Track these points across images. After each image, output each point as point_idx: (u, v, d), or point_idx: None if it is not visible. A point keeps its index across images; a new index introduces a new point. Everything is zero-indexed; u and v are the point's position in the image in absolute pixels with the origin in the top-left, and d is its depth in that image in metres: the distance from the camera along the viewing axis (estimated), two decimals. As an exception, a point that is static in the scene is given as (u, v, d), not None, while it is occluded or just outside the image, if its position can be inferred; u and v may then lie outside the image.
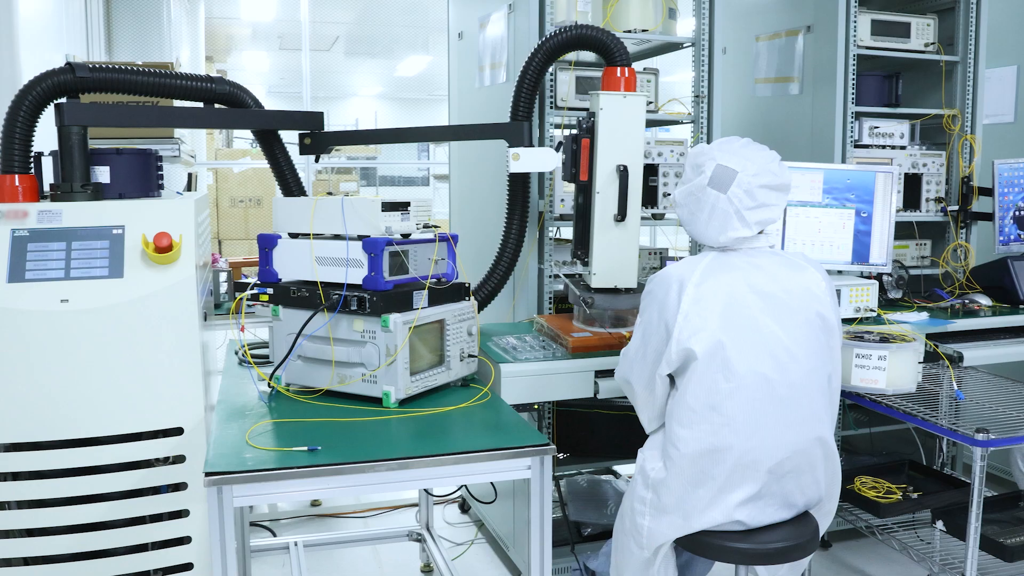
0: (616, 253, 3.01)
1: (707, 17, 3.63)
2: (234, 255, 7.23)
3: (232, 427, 2.31)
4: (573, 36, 3.05)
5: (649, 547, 2.43)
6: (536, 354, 2.94)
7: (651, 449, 2.47)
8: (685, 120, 3.70)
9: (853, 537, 3.84)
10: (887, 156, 3.96)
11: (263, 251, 2.72)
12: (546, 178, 3.44)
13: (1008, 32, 4.59)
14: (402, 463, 2.09)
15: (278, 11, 10.96)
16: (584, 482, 3.90)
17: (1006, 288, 3.84)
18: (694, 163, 2.45)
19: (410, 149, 17.85)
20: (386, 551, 3.88)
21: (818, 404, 2.38)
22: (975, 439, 2.49)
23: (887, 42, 3.96)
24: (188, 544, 2.64)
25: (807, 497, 2.43)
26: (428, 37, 13.02)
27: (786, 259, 2.47)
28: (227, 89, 3.15)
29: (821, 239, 3.54)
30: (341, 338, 2.55)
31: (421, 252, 2.65)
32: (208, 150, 8.32)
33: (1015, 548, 2.68)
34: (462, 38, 4.22)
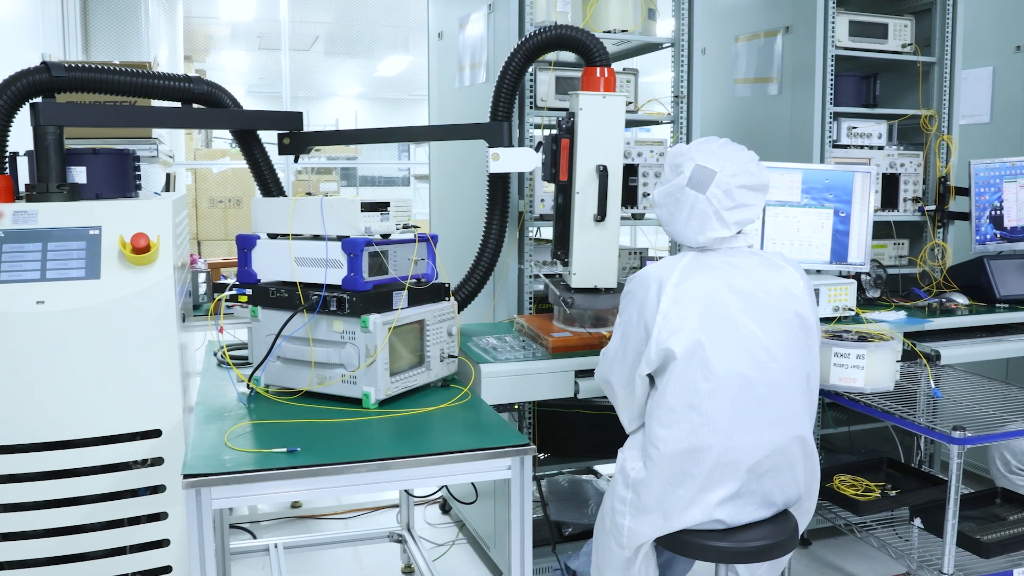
0: (596, 253, 3.02)
1: (686, 18, 3.64)
2: (213, 256, 7.19)
3: (211, 429, 2.29)
4: (552, 36, 3.06)
5: (629, 546, 2.44)
6: (516, 354, 2.94)
7: (631, 449, 2.48)
8: (665, 120, 3.71)
9: (832, 535, 3.86)
10: (865, 156, 3.99)
11: (242, 252, 2.71)
12: (526, 178, 3.44)
13: (984, 33, 4.63)
14: (382, 464, 2.08)
15: (257, 10, 10.90)
16: (565, 482, 3.91)
17: (982, 287, 3.87)
18: (673, 163, 2.46)
19: (391, 149, 17.82)
20: (367, 552, 3.87)
21: (797, 403, 2.40)
22: (952, 437, 2.51)
23: (865, 43, 3.99)
24: (167, 547, 2.63)
25: (786, 496, 2.45)
26: (408, 37, 12.98)
27: (765, 259, 2.49)
28: (205, 89, 3.14)
29: (800, 239, 3.56)
30: (320, 339, 2.54)
31: (401, 252, 2.64)
32: (187, 150, 8.27)
33: (992, 545, 2.70)
34: (442, 38, 4.22)
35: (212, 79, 3.27)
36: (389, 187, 17.72)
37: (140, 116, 3.13)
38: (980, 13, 4.58)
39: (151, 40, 5.94)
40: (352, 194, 13.83)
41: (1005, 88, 4.64)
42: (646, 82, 3.79)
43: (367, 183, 17.20)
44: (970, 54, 4.34)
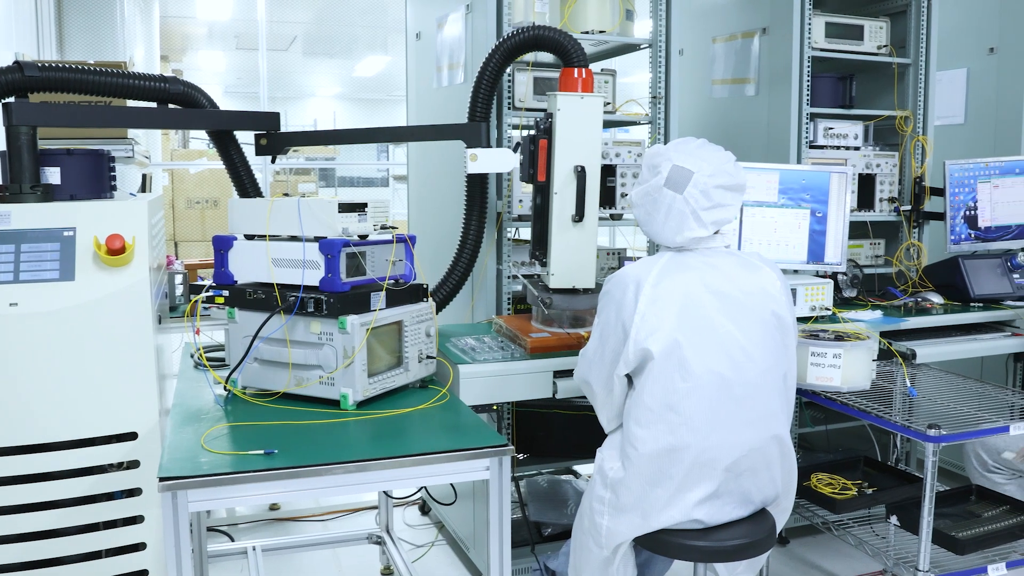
0: (574, 254, 3.02)
1: (664, 19, 3.65)
2: (190, 257, 7.15)
3: (187, 431, 2.28)
4: (530, 37, 3.06)
5: (608, 546, 2.44)
6: (495, 355, 2.94)
7: (610, 449, 2.48)
8: (643, 121, 3.72)
9: (810, 533, 3.89)
10: (841, 157, 4.02)
11: (218, 253, 2.69)
12: (504, 179, 3.44)
13: (958, 35, 4.67)
14: (360, 465, 2.08)
15: (235, 10, 10.85)
16: (544, 482, 3.90)
17: (957, 286, 3.91)
18: (650, 164, 2.47)
19: (369, 150, 17.78)
20: (346, 554, 3.86)
21: (774, 403, 2.41)
22: (927, 435, 2.53)
23: (841, 44, 4.01)
24: (143, 551, 2.61)
25: (764, 495, 2.46)
26: (387, 37, 12.97)
27: (742, 259, 2.50)
28: (181, 89, 3.12)
29: (777, 239, 3.58)
30: (298, 340, 2.53)
31: (378, 253, 2.63)
32: (164, 151, 8.22)
33: (967, 542, 2.73)
34: (420, 38, 4.21)
35: (189, 79, 3.25)
36: (368, 188, 17.69)
37: (115, 116, 3.11)
38: (954, 15, 4.62)
39: (126, 40, 5.90)
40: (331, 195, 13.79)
41: (979, 89, 4.68)
42: (624, 83, 3.80)
43: (346, 184, 17.16)
44: (944, 56, 4.38)
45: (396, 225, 2.83)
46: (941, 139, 4.44)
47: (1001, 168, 4.05)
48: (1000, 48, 4.53)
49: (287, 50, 13.81)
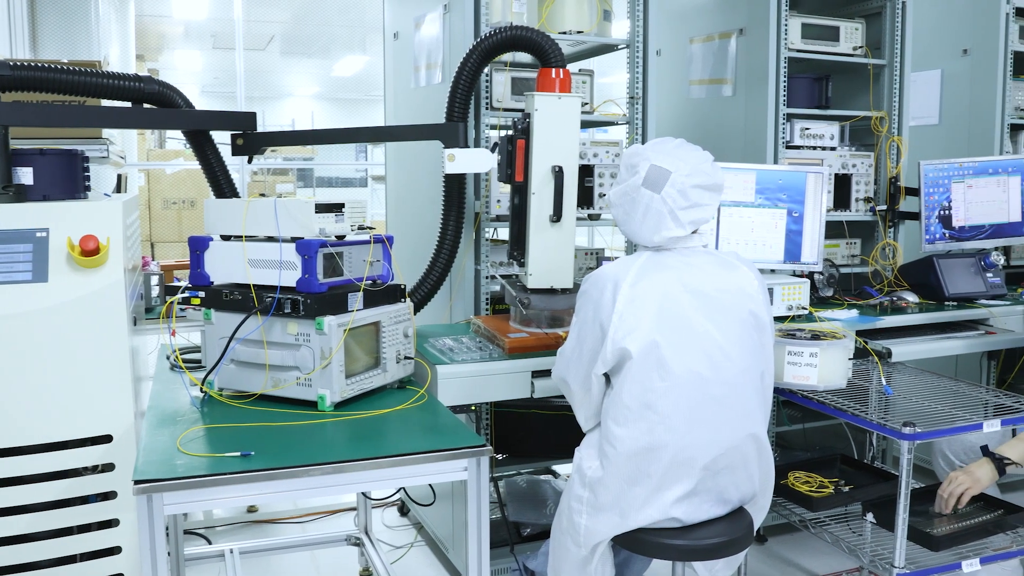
0: (552, 254, 3.02)
1: (641, 19, 3.66)
2: (167, 258, 7.09)
3: (163, 433, 2.26)
4: (508, 37, 3.06)
5: (586, 545, 2.45)
6: (473, 355, 2.94)
7: (588, 448, 2.49)
8: (620, 121, 3.73)
9: (788, 531, 3.91)
10: (818, 157, 4.04)
11: (194, 253, 2.67)
12: (482, 179, 3.44)
13: (932, 37, 4.71)
14: (337, 467, 2.07)
15: (211, 9, 10.78)
16: (523, 482, 3.91)
17: (932, 285, 3.94)
18: (628, 163, 2.47)
19: (348, 150, 17.70)
20: (324, 556, 3.84)
21: (752, 402, 2.42)
22: (902, 433, 2.55)
23: (817, 45, 4.04)
24: (118, 555, 2.58)
25: (741, 493, 2.47)
26: (365, 37, 12.93)
27: (719, 258, 2.51)
28: (156, 88, 3.09)
29: (754, 238, 3.60)
30: (275, 341, 2.52)
31: (356, 254, 2.62)
32: (140, 151, 8.15)
33: (941, 538, 2.75)
34: (398, 38, 4.20)
35: (165, 79, 3.22)
36: (346, 188, 17.61)
37: (89, 116, 3.08)
38: (928, 17, 4.66)
39: (101, 38, 5.84)
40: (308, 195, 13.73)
41: (953, 90, 4.72)
42: (603, 83, 3.81)
43: (324, 184, 17.08)
44: (919, 57, 4.42)
45: (374, 225, 2.82)
46: (916, 139, 4.48)
47: (975, 168, 4.09)
48: (973, 50, 4.58)
49: (264, 49, 13.74)
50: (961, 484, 2.83)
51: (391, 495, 4.26)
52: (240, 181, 7.88)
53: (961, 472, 2.87)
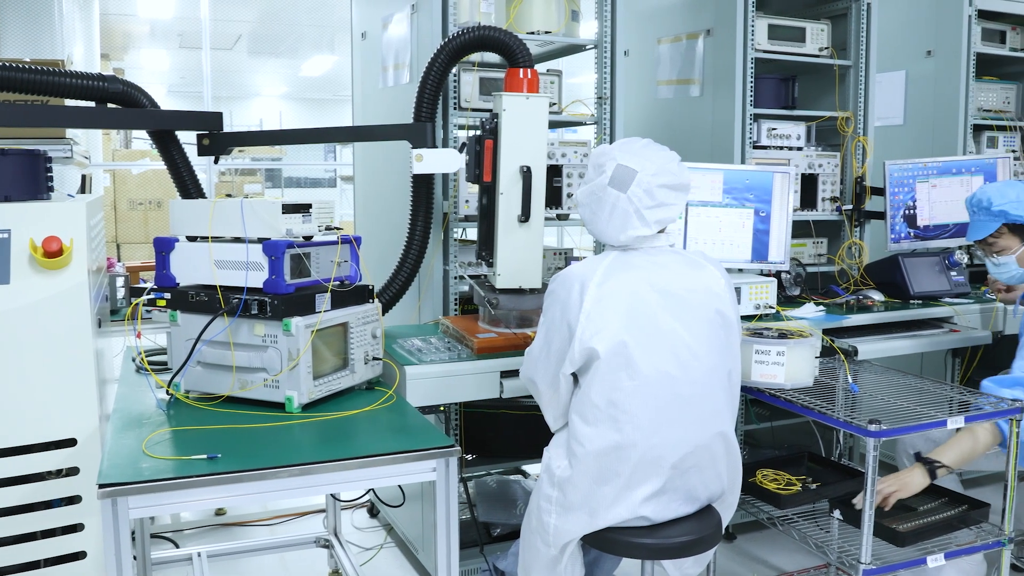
0: (520, 254, 3.02)
1: (609, 20, 3.67)
2: (133, 259, 7.03)
3: (128, 436, 2.24)
4: (475, 37, 3.05)
5: (556, 545, 2.45)
6: (441, 355, 2.93)
7: (556, 447, 2.49)
8: (589, 122, 3.73)
9: (756, 528, 3.94)
10: (784, 157, 4.07)
11: (160, 255, 2.65)
12: (450, 179, 3.43)
13: (897, 38, 4.76)
14: (305, 468, 2.06)
15: (177, 8, 10.68)
16: (493, 483, 3.90)
17: (897, 284, 3.98)
18: (595, 163, 2.48)
19: (316, 150, 17.61)
20: (293, 558, 3.82)
21: (719, 400, 2.44)
22: (868, 430, 2.57)
23: (783, 46, 4.07)
24: (83, 559, 2.55)
25: (710, 491, 2.48)
26: (333, 37, 12.86)
27: (686, 258, 2.52)
28: (120, 88, 3.06)
29: (722, 238, 3.62)
30: (242, 343, 2.50)
31: (323, 254, 2.61)
32: (105, 151, 8.05)
33: (907, 534, 2.78)
34: (365, 38, 4.18)
35: (131, 78, 3.19)
36: (315, 188, 17.52)
37: (52, 116, 3.04)
38: (893, 19, 4.71)
39: (65, 37, 5.77)
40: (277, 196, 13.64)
41: (917, 91, 4.78)
42: (572, 83, 3.81)
43: (292, 184, 16.98)
44: (884, 58, 4.46)
45: (341, 226, 2.81)
46: (881, 140, 4.53)
47: (939, 168, 4.14)
48: (936, 51, 4.64)
49: (232, 49, 13.63)
50: (889, 487, 2.86)
51: (360, 497, 4.24)
52: (207, 182, 7.81)
53: (894, 477, 2.90)
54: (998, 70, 4.91)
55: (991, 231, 3.21)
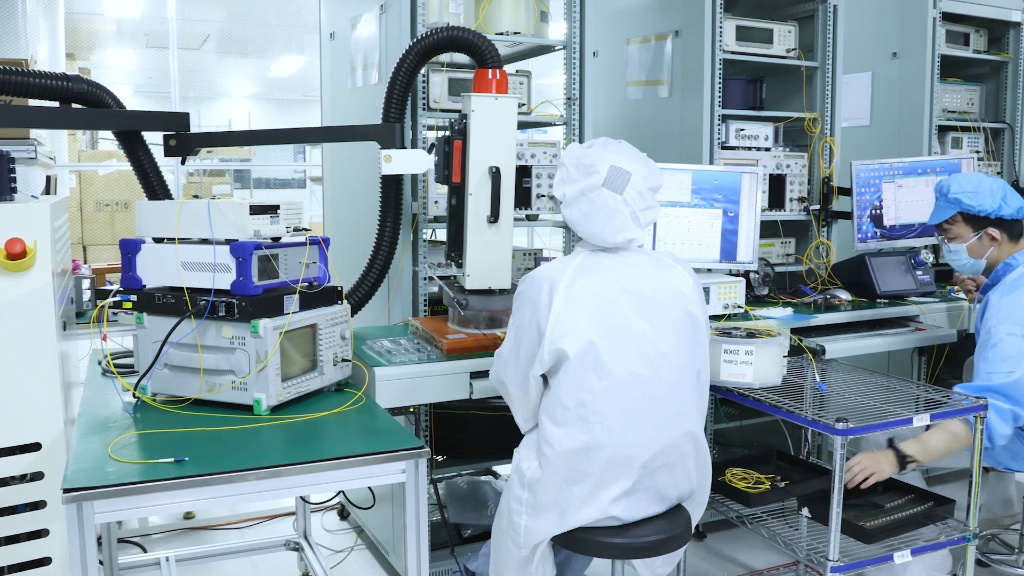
0: (490, 254, 3.02)
1: (578, 20, 3.67)
2: (100, 261, 6.94)
3: (94, 440, 2.21)
4: (444, 38, 3.05)
5: (526, 545, 2.45)
6: (411, 356, 2.92)
7: (526, 448, 2.49)
8: (558, 122, 3.74)
9: (726, 527, 3.96)
10: (753, 157, 4.09)
11: (126, 257, 2.62)
12: (419, 180, 3.42)
13: (863, 40, 4.80)
14: (273, 471, 2.04)
15: (144, 7, 10.58)
16: (464, 484, 3.90)
17: (864, 283, 4.02)
18: (580, 163, 2.45)
19: (286, 151, 17.50)
20: (263, 562, 3.79)
21: (688, 400, 2.45)
22: (835, 428, 2.60)
23: (751, 47, 4.10)
24: (48, 565, 2.52)
25: (679, 490, 2.49)
26: (303, 37, 12.80)
27: (655, 258, 2.53)
28: (85, 88, 3.03)
29: (690, 238, 3.64)
30: (209, 345, 2.48)
31: (292, 256, 2.59)
32: (71, 152, 7.97)
33: (874, 531, 2.80)
34: (334, 38, 4.16)
35: (97, 78, 3.16)
36: (284, 189, 17.41)
37: (15, 116, 3.00)
38: (859, 21, 4.75)
39: (29, 36, 5.69)
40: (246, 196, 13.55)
41: (883, 92, 4.83)
42: (542, 84, 3.82)
43: (261, 185, 16.86)
44: (850, 59, 4.50)
45: (310, 227, 2.80)
46: (848, 140, 4.57)
47: (904, 168, 4.19)
48: (902, 53, 4.69)
49: (200, 49, 13.52)
50: (866, 470, 2.89)
51: (330, 499, 4.22)
52: (175, 183, 7.77)
53: (867, 457, 2.94)
54: (962, 72, 4.98)
55: (945, 217, 3.36)
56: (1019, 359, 3.04)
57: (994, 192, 3.29)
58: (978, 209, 3.30)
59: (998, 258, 3.34)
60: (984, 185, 3.31)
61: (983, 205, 3.29)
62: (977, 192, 3.30)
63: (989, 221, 3.31)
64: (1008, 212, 3.28)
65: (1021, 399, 3.00)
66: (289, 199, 11.18)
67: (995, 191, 3.29)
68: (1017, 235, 3.34)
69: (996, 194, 3.29)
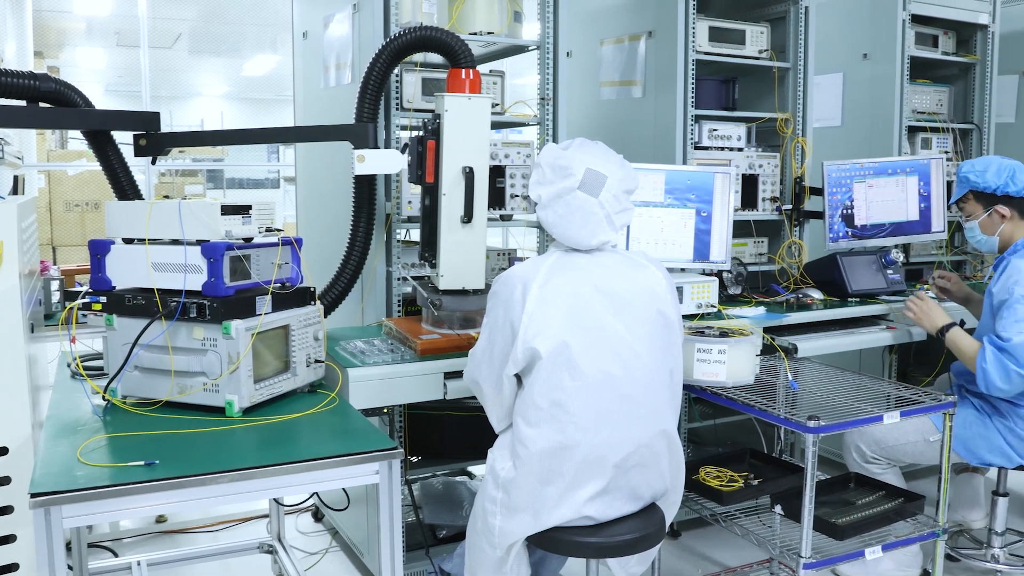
0: (463, 255, 3.01)
1: (552, 21, 3.67)
2: (69, 262, 6.87)
3: (62, 444, 2.18)
4: (417, 38, 3.04)
5: (501, 546, 2.45)
6: (384, 357, 2.91)
7: (500, 449, 2.49)
8: (531, 122, 3.74)
9: (700, 525, 3.98)
10: (725, 157, 4.11)
11: (95, 258, 2.59)
12: (393, 180, 3.41)
13: (835, 41, 4.84)
14: (244, 473, 2.03)
15: (114, 5, 10.48)
16: (439, 484, 3.89)
17: (836, 282, 4.05)
18: (556, 164, 2.45)
19: (259, 151, 17.39)
20: (237, 565, 3.76)
21: (661, 399, 2.45)
22: (807, 426, 2.62)
23: (724, 48, 4.11)
24: (16, 571, 2.49)
25: (653, 489, 2.50)
26: (276, 36, 12.72)
27: (628, 258, 2.53)
28: (53, 87, 2.99)
29: (664, 238, 3.65)
30: (180, 347, 2.46)
31: (264, 256, 2.58)
32: (40, 152, 7.87)
33: (846, 527, 2.83)
34: (307, 38, 4.14)
35: (67, 77, 3.13)
36: (258, 189, 17.30)
37: (-19, 115, 2.96)
38: (831, 22, 4.78)
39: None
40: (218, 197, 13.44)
41: (854, 93, 4.86)
42: (516, 84, 3.81)
43: (234, 186, 16.72)
44: (822, 60, 4.53)
45: (282, 227, 2.78)
46: (819, 140, 4.60)
47: (875, 168, 4.22)
48: (872, 54, 4.72)
49: (171, 48, 13.41)
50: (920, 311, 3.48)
51: (304, 501, 4.20)
52: (147, 183, 7.69)
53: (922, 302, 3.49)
54: (931, 73, 5.03)
55: (959, 196, 3.56)
56: None
57: (1001, 171, 3.43)
58: (984, 186, 3.45)
59: (1012, 235, 3.46)
60: (992, 165, 3.46)
61: (988, 182, 3.43)
62: (985, 171, 3.46)
63: (997, 198, 3.45)
64: (1014, 189, 3.42)
65: (1021, 358, 3.10)
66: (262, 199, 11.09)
67: (1003, 170, 3.44)
68: None
69: (1003, 173, 3.43)
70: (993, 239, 3.51)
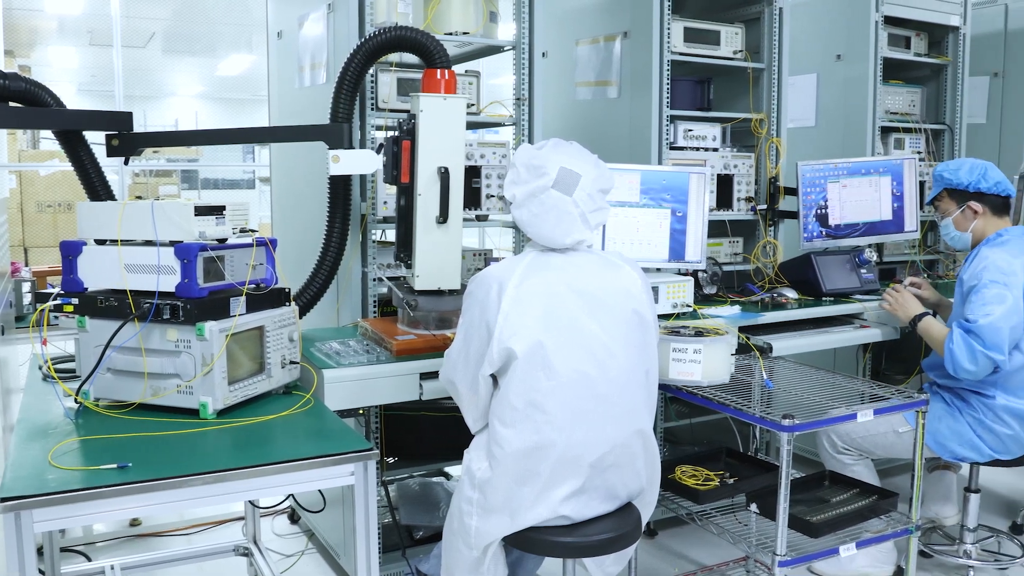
0: (439, 255, 3.01)
1: (527, 21, 3.68)
2: (41, 264, 6.80)
3: (33, 447, 2.16)
4: (392, 37, 3.03)
5: (478, 547, 2.45)
6: (360, 358, 2.90)
7: (476, 449, 2.49)
8: (507, 123, 3.74)
9: (677, 524, 3.99)
10: (701, 158, 4.13)
11: (66, 259, 2.56)
12: (368, 180, 3.40)
13: (809, 42, 4.87)
14: (218, 476, 2.02)
15: (87, 4, 10.38)
16: (416, 485, 3.88)
17: (810, 282, 4.07)
18: (530, 164, 2.45)
19: (234, 151, 17.28)
20: (212, 568, 3.74)
21: (637, 399, 2.46)
22: (782, 425, 2.63)
23: (699, 49, 4.13)
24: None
25: (629, 489, 2.51)
26: (251, 36, 12.65)
27: (603, 258, 2.54)
28: (23, 86, 2.96)
29: (639, 238, 3.66)
30: (154, 348, 2.44)
31: (238, 257, 2.56)
32: (11, 152, 7.77)
33: (820, 525, 2.85)
34: (282, 37, 4.12)
35: (38, 76, 3.10)
36: (233, 190, 17.20)
37: (-50, 115, 2.93)
38: (805, 23, 4.81)
39: (-34, 34, 5.56)
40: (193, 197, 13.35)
41: (828, 93, 4.90)
42: (492, 84, 3.81)
43: (209, 186, 16.63)
44: (796, 61, 4.56)
45: (258, 228, 2.76)
46: (794, 141, 4.62)
47: (849, 169, 4.25)
48: (846, 55, 4.75)
49: (145, 47, 13.30)
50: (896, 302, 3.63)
51: (280, 503, 4.18)
52: (120, 183, 7.63)
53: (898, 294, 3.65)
54: (904, 74, 5.07)
55: (935, 194, 3.67)
56: (996, 304, 3.23)
57: (974, 169, 3.55)
58: (957, 183, 3.57)
59: (983, 230, 3.55)
60: (966, 164, 3.59)
61: (961, 179, 3.55)
62: (958, 169, 3.59)
63: (970, 195, 3.55)
64: (986, 186, 3.52)
65: (987, 340, 3.19)
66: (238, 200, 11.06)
67: (975, 168, 3.56)
68: (1001, 210, 3.57)
69: (975, 171, 3.55)
70: (967, 235, 3.59)
